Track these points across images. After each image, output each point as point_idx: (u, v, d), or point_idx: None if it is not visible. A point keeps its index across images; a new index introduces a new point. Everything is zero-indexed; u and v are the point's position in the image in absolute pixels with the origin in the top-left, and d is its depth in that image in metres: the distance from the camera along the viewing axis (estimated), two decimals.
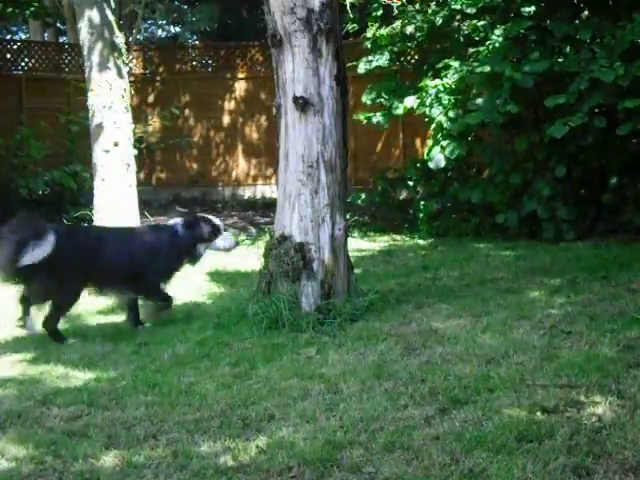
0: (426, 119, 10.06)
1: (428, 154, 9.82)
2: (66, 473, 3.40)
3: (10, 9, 14.80)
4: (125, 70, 10.06)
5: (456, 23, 10.29)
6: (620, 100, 8.41)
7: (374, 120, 10.68)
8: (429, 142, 9.91)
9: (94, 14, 9.68)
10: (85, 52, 9.84)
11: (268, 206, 14.37)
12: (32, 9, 15.21)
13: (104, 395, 4.38)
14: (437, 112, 9.68)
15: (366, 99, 10.88)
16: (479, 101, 9.19)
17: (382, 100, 10.63)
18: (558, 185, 9.13)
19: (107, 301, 7.16)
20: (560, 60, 8.81)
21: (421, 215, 10.49)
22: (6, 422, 4.02)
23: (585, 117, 8.53)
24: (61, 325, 6.36)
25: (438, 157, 9.63)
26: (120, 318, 6.47)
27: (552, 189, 9.07)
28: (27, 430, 3.90)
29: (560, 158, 9.14)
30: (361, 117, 10.86)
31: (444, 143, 9.62)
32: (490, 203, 9.70)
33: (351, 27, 12.28)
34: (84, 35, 9.77)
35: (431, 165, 9.72)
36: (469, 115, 9.22)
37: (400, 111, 10.18)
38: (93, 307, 6.94)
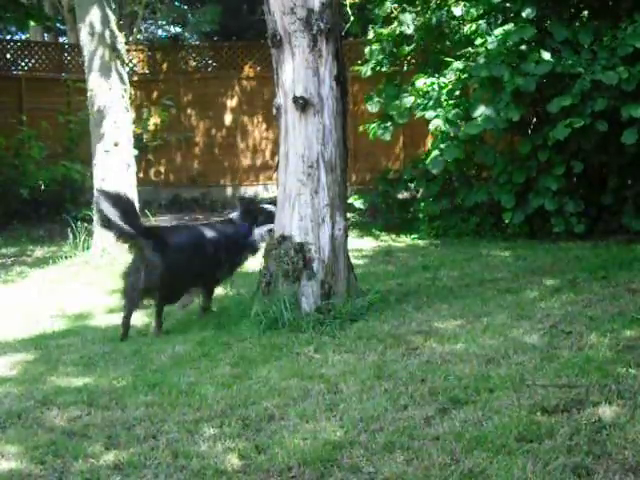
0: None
1: (426, 157, 9.78)
2: (66, 473, 3.40)
3: (9, 14, 14.80)
4: (125, 70, 10.06)
5: (455, 23, 10.26)
6: (623, 104, 8.39)
7: (378, 132, 10.57)
8: (428, 143, 9.86)
9: (94, 14, 9.68)
10: (85, 52, 9.84)
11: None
12: (33, 16, 15.22)
13: (104, 395, 4.37)
14: (435, 115, 9.62)
15: (368, 106, 10.81)
16: (481, 110, 9.09)
17: (384, 107, 10.55)
18: (563, 181, 9.09)
19: (106, 301, 7.18)
20: (562, 62, 8.77)
21: (421, 215, 10.47)
22: (6, 422, 4.03)
23: (587, 119, 8.51)
24: (60, 325, 6.38)
25: (438, 161, 9.57)
26: (119, 318, 6.47)
27: (558, 183, 9.02)
28: (27, 430, 3.90)
29: (562, 160, 9.12)
30: (367, 129, 10.77)
31: (442, 146, 9.58)
32: (494, 202, 9.66)
33: (351, 27, 12.25)
34: (84, 35, 9.78)
35: (432, 170, 9.66)
36: (470, 125, 9.15)
37: (403, 120, 10.13)
38: (93, 307, 6.95)
